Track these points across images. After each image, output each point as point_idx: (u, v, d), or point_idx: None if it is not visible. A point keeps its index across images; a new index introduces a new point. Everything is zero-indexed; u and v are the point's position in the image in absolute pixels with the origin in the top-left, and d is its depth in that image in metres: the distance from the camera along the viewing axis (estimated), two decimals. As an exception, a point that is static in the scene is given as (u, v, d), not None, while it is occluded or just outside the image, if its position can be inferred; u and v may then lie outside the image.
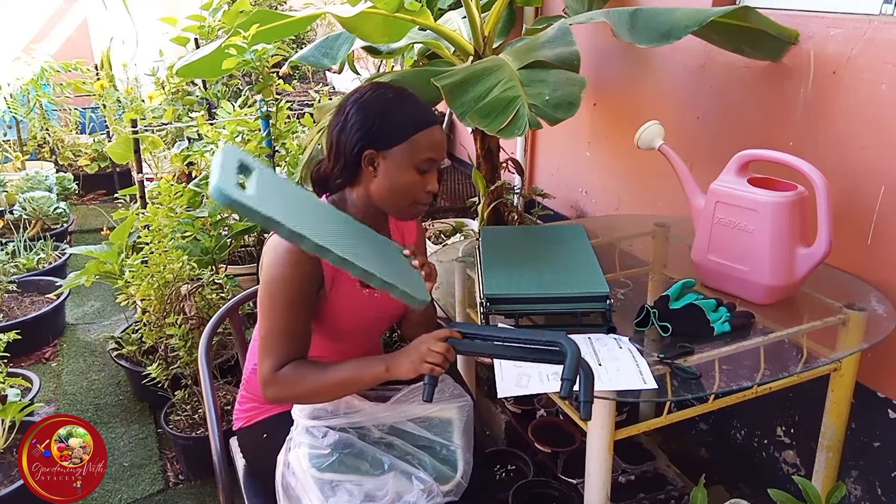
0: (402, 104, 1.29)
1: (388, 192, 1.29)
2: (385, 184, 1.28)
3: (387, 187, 1.28)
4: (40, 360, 2.89)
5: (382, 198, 1.30)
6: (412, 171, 1.27)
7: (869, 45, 1.54)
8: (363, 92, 1.30)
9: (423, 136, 1.26)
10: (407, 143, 1.25)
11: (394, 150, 1.26)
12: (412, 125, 1.26)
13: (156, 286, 2.19)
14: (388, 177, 1.28)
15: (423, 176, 1.28)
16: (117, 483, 2.18)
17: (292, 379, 1.23)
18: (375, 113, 1.26)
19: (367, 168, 1.28)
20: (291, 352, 1.25)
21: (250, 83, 3.71)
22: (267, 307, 1.25)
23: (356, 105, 1.28)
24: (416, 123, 1.26)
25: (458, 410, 1.38)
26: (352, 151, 1.27)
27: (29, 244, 3.50)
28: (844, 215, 1.59)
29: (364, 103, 1.28)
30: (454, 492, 1.28)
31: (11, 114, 4.57)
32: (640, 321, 1.40)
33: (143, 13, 4.65)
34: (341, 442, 1.27)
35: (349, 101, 1.30)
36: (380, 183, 1.29)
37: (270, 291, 1.25)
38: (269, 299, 1.25)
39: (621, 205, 2.43)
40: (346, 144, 1.28)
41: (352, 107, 1.28)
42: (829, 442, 1.59)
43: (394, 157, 1.26)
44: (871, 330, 1.41)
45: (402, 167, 1.27)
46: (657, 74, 2.19)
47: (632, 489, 1.86)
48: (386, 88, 1.31)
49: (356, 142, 1.26)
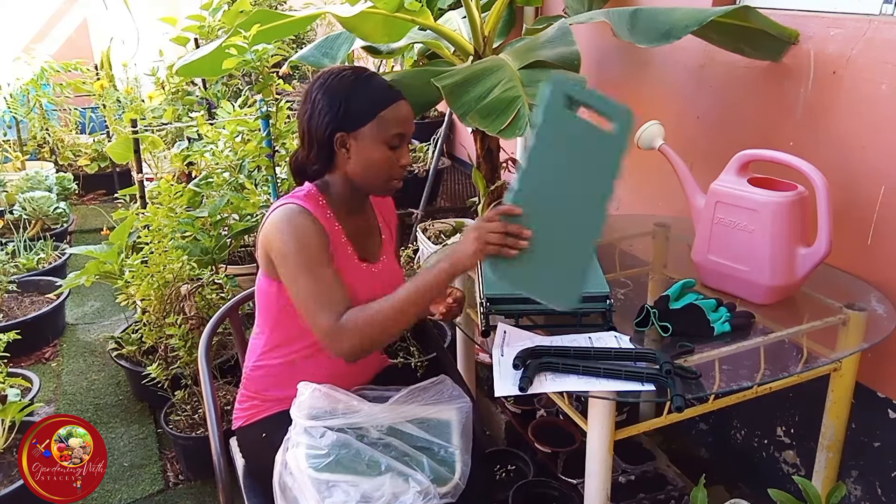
0: (365, 84, 1.32)
1: (364, 171, 1.33)
2: (359, 164, 1.33)
3: (362, 167, 1.33)
4: (40, 360, 2.88)
5: (359, 177, 1.35)
6: (383, 147, 1.31)
7: (869, 45, 1.54)
8: (326, 77, 1.34)
9: (390, 111, 1.31)
10: (375, 120, 1.30)
11: (363, 130, 1.30)
12: (377, 103, 1.30)
13: (156, 286, 2.19)
14: (362, 156, 1.32)
15: (394, 151, 1.32)
16: (117, 483, 2.18)
17: (362, 320, 1.23)
18: (340, 95, 1.30)
19: (340, 151, 1.33)
20: (341, 300, 1.26)
21: (250, 83, 3.70)
22: (300, 270, 1.26)
23: (321, 90, 1.32)
24: (380, 101, 1.31)
25: (457, 412, 1.37)
26: (323, 136, 1.31)
27: (29, 244, 3.50)
28: (844, 215, 1.59)
29: (328, 88, 1.32)
30: (451, 493, 1.27)
31: (11, 114, 4.57)
32: (640, 321, 1.40)
33: (143, 13, 4.65)
34: (339, 442, 1.27)
35: (313, 87, 1.34)
36: (354, 164, 1.33)
37: (298, 254, 1.26)
38: (298, 262, 1.26)
39: (621, 205, 2.42)
40: (316, 130, 1.32)
41: (317, 93, 1.32)
42: (829, 442, 1.59)
43: (364, 137, 1.30)
44: (871, 330, 1.41)
45: (373, 145, 1.31)
46: (657, 74, 2.19)
47: (632, 489, 1.86)
48: (347, 71, 1.35)
49: (326, 126, 1.31)
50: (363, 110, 1.30)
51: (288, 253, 1.27)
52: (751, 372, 1.32)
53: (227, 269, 2.60)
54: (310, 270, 1.26)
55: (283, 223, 1.29)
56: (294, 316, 1.37)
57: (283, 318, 1.39)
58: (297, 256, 1.27)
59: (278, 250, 1.28)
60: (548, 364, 1.22)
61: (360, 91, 1.31)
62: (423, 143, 3.75)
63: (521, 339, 1.34)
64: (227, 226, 2.52)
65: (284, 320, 1.40)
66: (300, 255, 1.27)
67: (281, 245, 1.28)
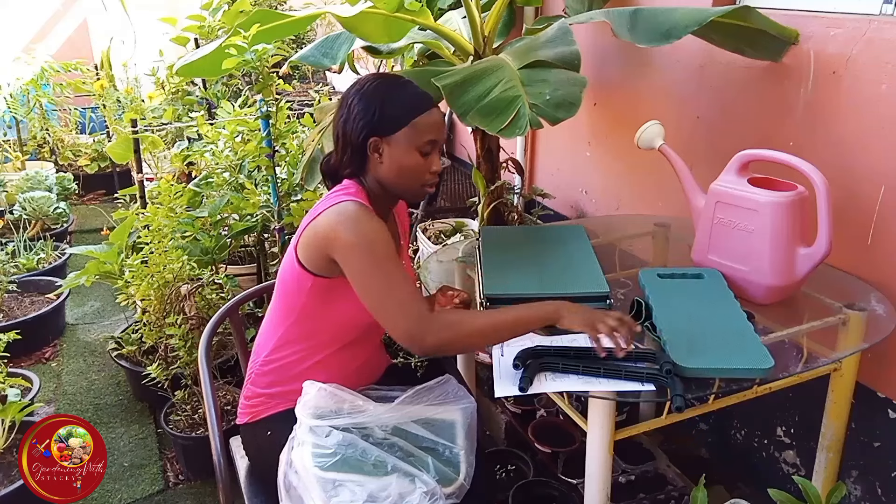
0: (401, 91, 1.34)
1: (396, 176, 1.34)
2: (392, 169, 1.34)
3: (394, 172, 1.34)
4: (40, 360, 2.89)
5: (391, 182, 1.36)
6: (415, 153, 1.32)
7: (869, 45, 1.54)
8: (364, 83, 1.35)
9: (423, 119, 1.32)
10: (409, 127, 1.31)
11: (397, 136, 1.31)
12: (412, 110, 1.32)
13: (156, 286, 2.19)
14: (394, 161, 1.33)
15: (425, 158, 1.34)
16: (117, 483, 2.18)
17: (456, 323, 1.24)
18: (377, 101, 1.31)
19: (373, 155, 1.34)
20: (421, 295, 1.29)
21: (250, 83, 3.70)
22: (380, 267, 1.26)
23: (358, 95, 1.33)
24: (415, 108, 1.32)
25: (461, 412, 1.38)
26: (357, 140, 1.33)
27: (29, 244, 3.50)
28: (844, 215, 1.59)
29: (365, 93, 1.33)
30: (456, 494, 1.28)
31: (11, 114, 4.57)
32: (634, 315, 1.41)
33: (143, 13, 4.65)
34: (345, 441, 1.27)
35: (351, 92, 1.35)
36: (387, 168, 1.34)
37: (376, 251, 1.26)
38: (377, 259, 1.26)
39: (621, 205, 2.42)
40: (351, 134, 1.33)
41: (354, 97, 1.34)
42: (829, 442, 1.59)
43: (397, 142, 1.32)
44: (871, 330, 1.41)
45: (406, 151, 1.32)
46: (657, 74, 2.19)
47: (632, 489, 1.86)
48: (385, 77, 1.38)
49: (360, 130, 1.32)
50: (398, 116, 1.31)
51: (363, 251, 1.26)
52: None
53: (227, 269, 2.60)
54: (390, 268, 1.26)
55: (350, 220, 1.27)
56: (317, 312, 1.38)
57: (307, 313, 1.39)
58: (376, 254, 1.26)
59: (350, 248, 1.26)
60: (548, 364, 1.23)
61: (396, 97, 1.32)
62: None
63: (522, 338, 1.34)
64: (227, 226, 2.52)
65: (307, 316, 1.40)
66: (379, 254, 1.26)
67: (354, 243, 1.26)
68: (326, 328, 1.40)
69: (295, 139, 2.65)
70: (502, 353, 1.29)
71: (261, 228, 2.52)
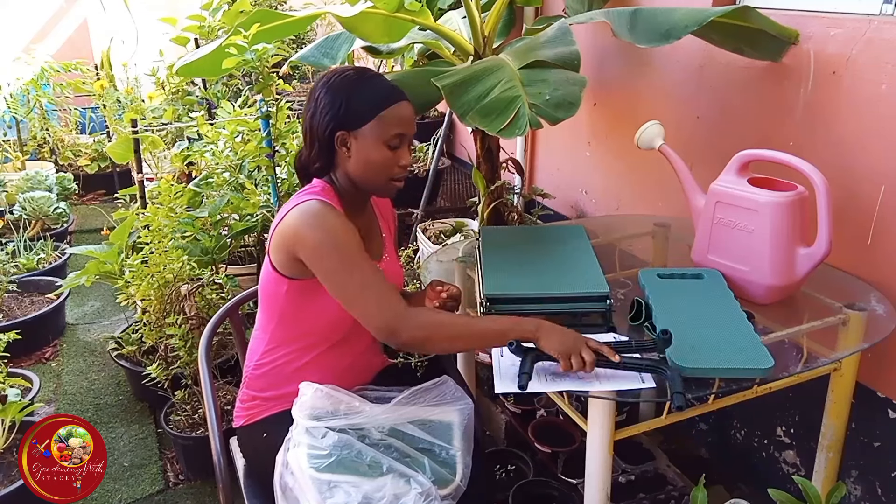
0: (367, 84, 1.33)
1: (364, 171, 1.34)
2: (359, 163, 1.33)
3: (362, 166, 1.33)
4: (40, 360, 2.89)
5: (359, 177, 1.35)
6: (383, 147, 1.31)
7: (869, 45, 1.54)
8: (330, 76, 1.35)
9: (390, 112, 1.31)
10: (375, 120, 1.30)
11: (363, 129, 1.31)
12: (378, 103, 1.31)
13: (156, 286, 2.19)
14: (361, 155, 1.32)
15: (394, 152, 1.33)
16: (117, 483, 2.18)
17: (435, 321, 1.25)
18: (342, 94, 1.31)
19: (341, 149, 1.33)
20: (395, 289, 1.28)
21: (250, 83, 3.70)
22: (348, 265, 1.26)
23: (325, 89, 1.33)
24: (382, 101, 1.31)
25: (458, 413, 1.37)
26: (324, 134, 1.32)
27: (29, 244, 3.50)
28: (844, 215, 1.59)
29: (332, 86, 1.32)
30: (452, 495, 1.27)
31: (11, 114, 4.57)
32: (633, 315, 1.41)
33: (143, 13, 4.65)
34: (341, 443, 1.27)
35: (318, 85, 1.34)
36: (354, 162, 1.33)
37: (342, 249, 1.26)
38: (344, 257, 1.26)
39: (621, 205, 2.42)
40: (318, 128, 1.33)
41: (321, 91, 1.33)
42: (829, 442, 1.59)
43: (364, 136, 1.31)
44: (871, 330, 1.41)
45: (373, 145, 1.31)
46: (657, 74, 2.19)
47: (632, 489, 1.86)
48: (351, 71, 1.35)
49: (327, 124, 1.31)
50: (364, 109, 1.30)
51: (329, 249, 1.26)
52: (751, 372, 1.32)
53: (227, 269, 2.60)
54: (359, 263, 1.26)
55: (314, 219, 1.27)
56: (298, 314, 1.37)
57: (288, 316, 1.39)
58: (342, 251, 1.26)
59: (314, 247, 1.26)
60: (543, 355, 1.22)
61: (362, 90, 1.31)
62: (423, 143, 3.75)
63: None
64: (227, 226, 2.52)
65: (289, 318, 1.40)
66: (345, 250, 1.26)
67: (318, 242, 1.26)
68: (310, 329, 1.40)
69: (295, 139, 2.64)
70: (502, 354, 1.28)
71: (261, 228, 2.52)
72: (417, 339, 1.25)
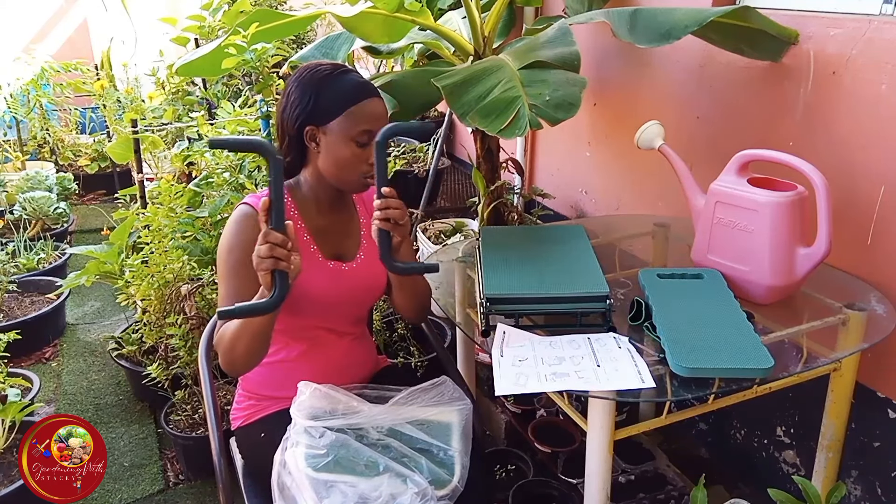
0: (337, 79, 1.32)
1: (333, 167, 1.34)
2: (328, 159, 1.33)
3: (331, 162, 1.33)
4: (40, 360, 2.89)
5: (329, 173, 1.35)
6: (351, 143, 1.31)
7: (869, 45, 1.54)
8: (303, 71, 1.34)
9: (359, 108, 1.30)
10: (342, 116, 1.30)
11: (331, 125, 1.30)
12: (346, 98, 1.30)
13: (156, 286, 2.19)
14: (330, 151, 1.32)
15: (363, 149, 1.32)
16: (117, 483, 2.18)
17: (220, 336, 1.27)
18: (312, 89, 1.31)
19: (311, 144, 1.33)
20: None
21: (250, 83, 3.70)
22: (221, 272, 1.31)
23: (296, 83, 1.33)
24: (350, 97, 1.30)
25: (457, 414, 1.37)
26: (293, 129, 1.32)
27: (29, 244, 3.50)
28: (844, 215, 1.59)
29: (302, 81, 1.32)
30: (450, 496, 1.27)
31: (11, 114, 4.57)
32: (633, 315, 1.41)
33: (144, 13, 4.65)
34: (338, 442, 1.27)
35: (291, 80, 1.35)
36: (324, 159, 1.33)
37: (219, 259, 1.31)
38: (218, 267, 1.31)
39: (621, 205, 2.42)
40: (287, 122, 1.33)
41: (292, 85, 1.33)
42: (829, 442, 1.59)
43: (332, 132, 1.31)
44: (871, 330, 1.41)
45: (341, 141, 1.31)
46: (657, 74, 2.19)
47: (632, 489, 1.86)
48: (324, 66, 1.35)
49: (296, 119, 1.31)
50: (332, 105, 1.30)
51: (220, 253, 1.31)
52: (751, 372, 1.32)
53: (227, 269, 2.59)
54: (225, 276, 1.30)
55: (230, 223, 1.32)
56: (285, 315, 1.37)
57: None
58: (221, 260, 1.30)
59: (219, 248, 1.32)
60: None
61: (332, 86, 1.31)
62: (423, 143, 3.75)
63: (521, 339, 1.34)
64: (227, 226, 2.52)
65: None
66: (222, 260, 1.30)
67: (221, 238, 1.31)
68: (286, 328, 1.40)
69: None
70: (502, 354, 1.29)
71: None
72: (221, 358, 1.28)
